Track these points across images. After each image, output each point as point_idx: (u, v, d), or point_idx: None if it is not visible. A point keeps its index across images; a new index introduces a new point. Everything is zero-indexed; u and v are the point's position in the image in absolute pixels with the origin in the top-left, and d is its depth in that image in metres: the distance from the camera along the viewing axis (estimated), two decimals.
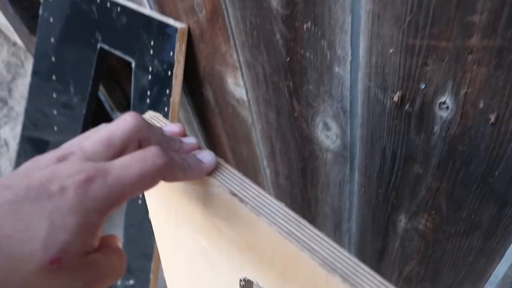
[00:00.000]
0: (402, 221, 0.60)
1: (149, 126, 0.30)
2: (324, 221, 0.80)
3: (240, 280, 0.37)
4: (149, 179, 0.26)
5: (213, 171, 0.33)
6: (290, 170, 0.77)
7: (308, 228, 0.29)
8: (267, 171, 0.86)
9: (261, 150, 0.81)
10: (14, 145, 1.79)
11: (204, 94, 0.84)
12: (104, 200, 0.24)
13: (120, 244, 0.29)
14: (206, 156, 0.32)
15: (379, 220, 0.65)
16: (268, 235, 0.30)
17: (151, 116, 0.39)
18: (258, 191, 0.32)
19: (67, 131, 1.01)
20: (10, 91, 1.93)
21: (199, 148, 0.34)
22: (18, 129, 1.59)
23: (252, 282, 0.37)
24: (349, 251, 0.81)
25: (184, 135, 0.35)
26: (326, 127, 0.59)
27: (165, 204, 0.42)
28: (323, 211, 0.78)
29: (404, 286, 0.73)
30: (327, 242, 0.28)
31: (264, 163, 0.84)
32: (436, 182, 0.49)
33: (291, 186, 0.81)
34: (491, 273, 0.53)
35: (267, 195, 0.31)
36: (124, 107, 1.38)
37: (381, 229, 0.66)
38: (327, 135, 0.60)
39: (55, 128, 1.03)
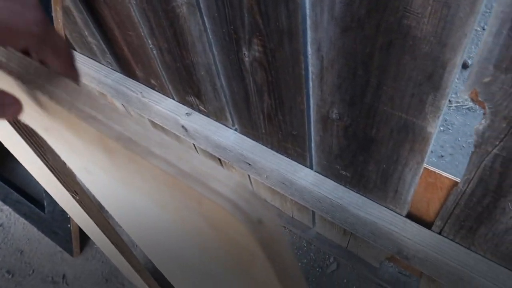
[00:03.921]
0: (246, 55, 0.73)
1: None
2: (205, 86, 0.93)
3: None
4: None
5: None
6: (168, 41, 0.88)
7: None
8: (154, 52, 0.96)
9: (143, 29, 0.91)
10: None
11: None
12: None
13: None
14: None
15: (233, 63, 0.78)
16: None
17: None
18: None
19: None
20: None
21: None
22: None
23: None
24: (229, 112, 0.95)
25: None
26: None
27: None
28: (201, 76, 0.90)
29: (269, 127, 0.88)
30: None
31: (149, 43, 0.94)
32: (249, 0, 0.62)
33: (173, 60, 0.93)
34: (305, 79, 0.68)
35: None
36: None
37: (238, 72, 0.79)
38: None
39: None
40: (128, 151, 0.23)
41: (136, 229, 0.41)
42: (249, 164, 0.98)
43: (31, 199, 1.33)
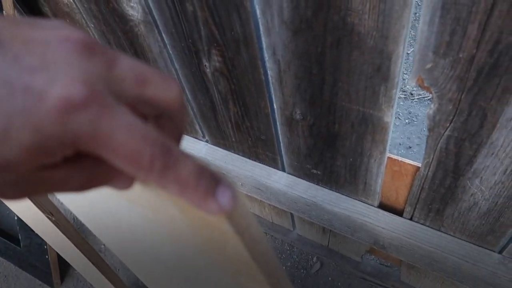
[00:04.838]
0: (207, 66, 0.75)
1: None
2: None
3: None
4: (134, 168, 0.18)
5: None
6: None
7: None
8: None
9: None
10: None
11: (42, 10, 0.92)
12: (79, 137, 0.17)
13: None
14: None
15: (196, 76, 0.79)
16: None
17: None
18: None
19: None
20: None
21: None
22: None
23: None
24: (198, 124, 0.96)
25: None
26: None
27: None
28: None
29: (238, 135, 0.90)
30: None
31: None
32: (202, 12, 0.64)
33: None
34: (265, 83, 0.70)
35: None
36: None
37: (201, 84, 0.81)
38: (132, 6, 0.72)
39: None
40: None
41: (112, 236, 0.42)
42: (223, 174, 0.99)
43: (4, 234, 1.29)
